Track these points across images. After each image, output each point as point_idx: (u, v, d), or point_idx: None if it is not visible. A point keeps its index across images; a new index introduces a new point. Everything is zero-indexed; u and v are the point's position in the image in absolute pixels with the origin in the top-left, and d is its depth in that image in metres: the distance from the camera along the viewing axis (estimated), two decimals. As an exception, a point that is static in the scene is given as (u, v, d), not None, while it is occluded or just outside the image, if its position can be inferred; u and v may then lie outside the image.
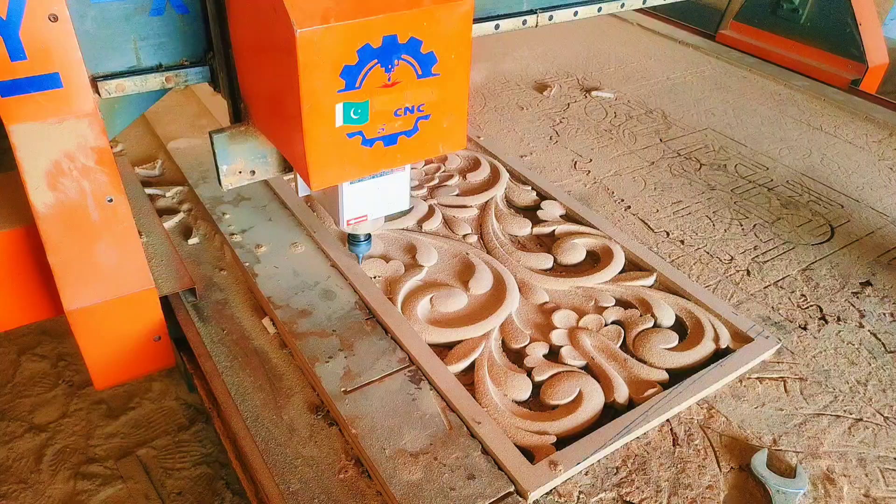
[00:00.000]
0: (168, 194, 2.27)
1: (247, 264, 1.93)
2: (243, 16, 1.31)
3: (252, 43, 1.32)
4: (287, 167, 1.60)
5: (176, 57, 1.51)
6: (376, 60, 1.16)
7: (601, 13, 2.10)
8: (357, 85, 1.17)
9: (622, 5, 2.16)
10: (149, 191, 2.26)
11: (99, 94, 1.45)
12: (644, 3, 2.24)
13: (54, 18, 1.30)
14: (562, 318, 1.82)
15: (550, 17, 1.94)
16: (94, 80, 1.44)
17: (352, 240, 1.68)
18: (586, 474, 1.45)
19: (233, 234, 2.05)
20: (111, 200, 1.52)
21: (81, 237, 1.52)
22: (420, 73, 1.22)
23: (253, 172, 1.57)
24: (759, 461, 1.47)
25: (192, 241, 2.07)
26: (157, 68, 1.49)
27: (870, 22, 3.23)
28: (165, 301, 1.80)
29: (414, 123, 1.28)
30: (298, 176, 1.55)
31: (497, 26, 1.83)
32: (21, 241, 1.59)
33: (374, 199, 1.49)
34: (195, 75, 1.53)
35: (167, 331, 1.78)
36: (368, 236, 1.67)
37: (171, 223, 2.13)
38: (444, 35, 1.20)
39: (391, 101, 1.23)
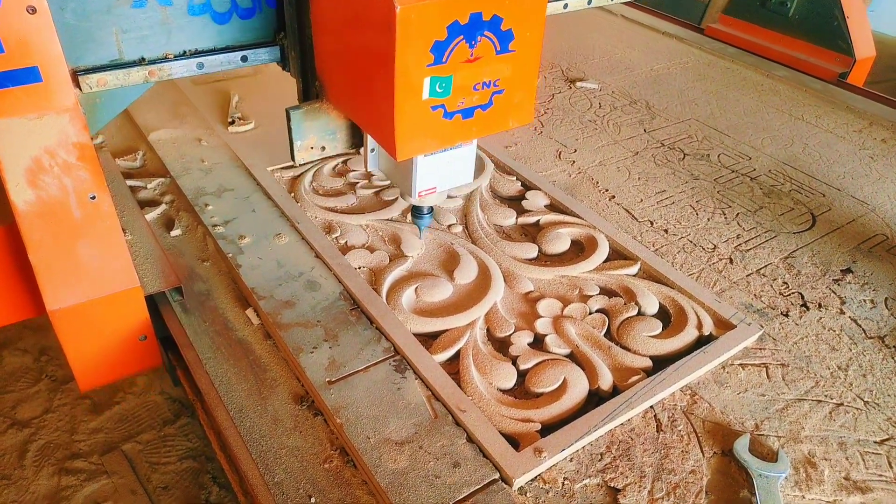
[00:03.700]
0: (150, 186, 2.25)
1: (230, 255, 1.92)
2: None
3: (338, 22, 1.37)
4: (355, 143, 1.65)
5: (158, 50, 1.49)
6: (462, 36, 1.23)
7: (591, 6, 2.10)
8: (444, 60, 1.24)
9: None
10: (130, 182, 2.23)
11: (80, 89, 1.43)
12: None
13: (32, 10, 1.27)
14: (546, 307, 1.82)
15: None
16: (75, 74, 1.41)
17: (416, 212, 1.71)
18: (571, 461, 1.45)
19: (216, 226, 2.03)
20: (94, 198, 1.49)
21: (63, 235, 1.49)
22: (499, 48, 1.29)
23: (323, 148, 1.61)
24: (741, 446, 1.48)
25: (175, 232, 2.05)
26: (140, 62, 1.48)
27: (857, 14, 3.24)
28: (151, 300, 1.77)
29: (489, 98, 1.35)
30: (371, 151, 1.63)
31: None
32: (1, 239, 1.56)
33: (444, 172, 1.54)
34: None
35: (153, 330, 1.75)
36: (431, 209, 1.71)
37: (153, 215, 2.11)
38: (522, 13, 1.27)
39: (472, 76, 1.29)
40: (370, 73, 1.30)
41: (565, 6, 2.02)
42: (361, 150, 1.65)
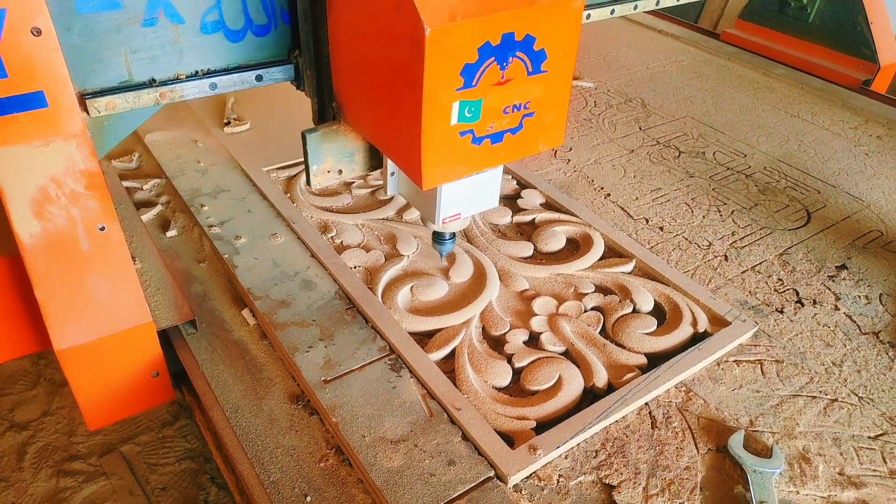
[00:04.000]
0: (146, 187, 2.25)
1: (226, 256, 1.92)
2: (350, 14, 1.27)
3: (359, 40, 1.28)
4: (373, 165, 1.56)
5: (170, 71, 1.42)
6: (493, 58, 1.16)
7: (614, 15, 2.02)
8: (474, 83, 1.17)
9: (635, 7, 2.08)
10: (126, 184, 2.24)
11: (88, 113, 1.35)
12: (657, 4, 2.18)
13: (37, 32, 1.20)
14: (542, 305, 1.83)
15: None
16: (82, 98, 1.34)
17: (437, 238, 1.62)
18: (566, 458, 1.46)
19: (212, 226, 2.04)
20: (103, 229, 1.41)
21: (71, 269, 1.40)
22: (531, 69, 1.22)
23: (340, 171, 1.52)
24: (735, 442, 1.49)
25: (171, 233, 2.05)
26: (150, 83, 1.41)
27: (881, 20, 3.14)
28: (163, 333, 1.68)
29: (520, 121, 1.28)
30: (391, 175, 1.54)
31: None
32: (4, 271, 1.49)
33: (469, 197, 1.47)
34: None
35: (166, 366, 1.66)
36: (454, 235, 1.63)
37: (148, 216, 2.12)
38: (556, 32, 1.21)
39: (502, 99, 1.22)
40: (395, 96, 1.22)
41: (588, 17, 1.94)
42: (380, 172, 1.58)
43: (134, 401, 1.67)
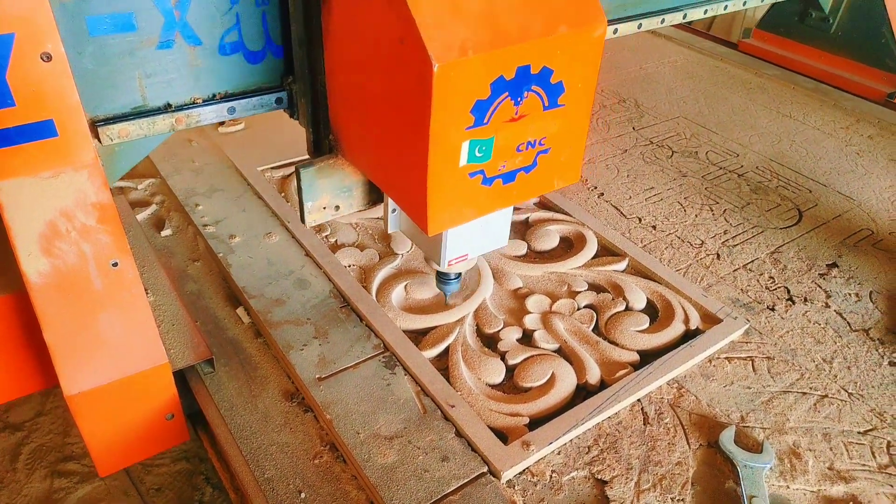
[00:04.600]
0: (140, 186, 2.25)
1: (220, 255, 1.93)
2: (349, 43, 1.17)
3: (360, 71, 1.16)
4: (372, 200, 1.47)
5: (186, 95, 1.34)
6: (507, 93, 1.06)
7: (641, 30, 1.95)
8: (486, 121, 1.07)
9: (662, 21, 2.02)
10: (120, 183, 2.24)
11: (100, 141, 1.27)
12: (685, 17, 2.09)
13: (47, 58, 1.12)
14: (535, 303, 1.84)
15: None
16: (94, 125, 1.26)
17: (442, 278, 1.55)
18: (558, 454, 1.47)
19: (206, 225, 2.04)
20: (116, 264, 1.31)
21: (82, 309, 1.30)
22: (547, 104, 1.13)
23: (337, 208, 1.42)
24: (726, 437, 1.50)
25: (165, 232, 2.06)
26: (166, 108, 1.32)
27: None
28: (178, 373, 1.58)
29: (534, 158, 1.18)
30: (392, 212, 1.46)
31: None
32: (9, 309, 1.40)
33: (476, 238, 1.38)
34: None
35: (181, 408, 1.55)
36: (459, 274, 1.56)
37: (143, 215, 2.12)
38: (576, 63, 1.11)
39: (515, 136, 1.12)
40: (398, 135, 1.12)
41: (615, 31, 1.87)
42: (381, 207, 1.49)
43: (147, 445, 1.57)
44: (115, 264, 1.31)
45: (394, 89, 1.08)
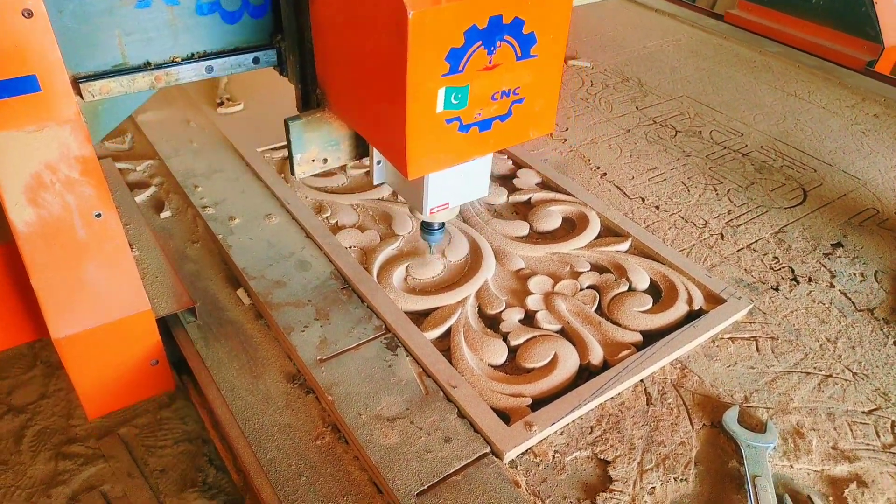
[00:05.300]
0: (139, 168, 2.23)
1: (220, 236, 1.91)
2: None
3: (342, 26, 1.23)
4: (359, 154, 1.52)
5: (165, 54, 1.38)
6: (480, 42, 1.12)
7: None
8: (460, 68, 1.13)
9: None
10: (119, 165, 2.22)
11: (82, 97, 1.32)
12: None
13: (29, 14, 1.16)
14: (537, 284, 1.83)
15: None
16: (76, 82, 1.31)
17: (426, 227, 1.59)
18: (561, 434, 1.46)
19: (205, 207, 2.03)
20: (99, 216, 1.38)
21: (68, 257, 1.38)
22: (519, 54, 1.18)
23: (325, 160, 1.47)
24: (730, 417, 1.49)
25: (165, 214, 2.04)
26: (146, 66, 1.37)
27: (885, 0, 3.08)
28: (162, 322, 1.66)
29: (508, 107, 1.24)
30: (377, 163, 1.50)
31: None
32: (0, 259, 1.46)
33: (457, 186, 1.44)
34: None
35: (165, 354, 1.64)
36: (442, 225, 1.60)
37: (142, 197, 2.10)
38: (546, 14, 1.17)
39: (490, 85, 1.18)
40: (378, 83, 1.18)
41: None
42: (367, 161, 1.55)
43: (133, 389, 1.66)
44: (99, 215, 1.38)
45: (373, 39, 1.14)
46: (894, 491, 1.40)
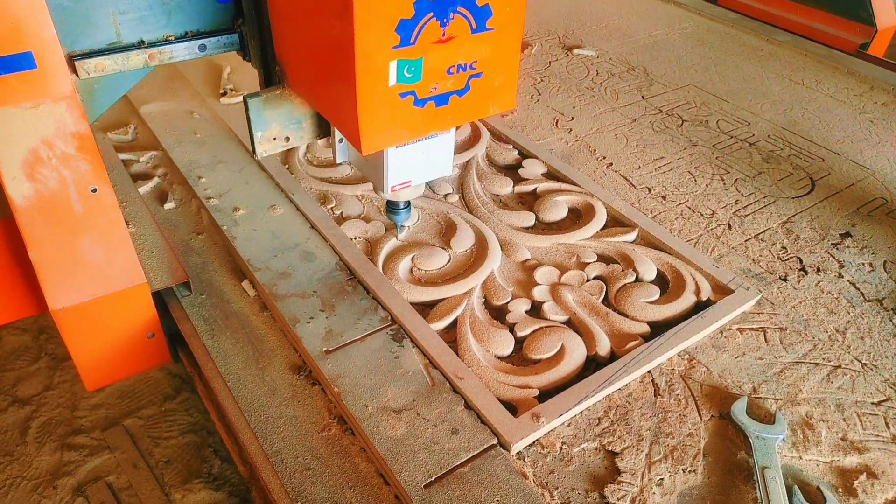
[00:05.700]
0: (142, 159, 2.22)
1: (225, 228, 1.90)
2: None
3: (294, 4, 1.24)
4: (321, 132, 1.52)
5: (158, 32, 1.40)
6: (432, 14, 1.11)
7: None
8: (412, 41, 1.11)
9: None
10: (122, 156, 2.21)
11: (77, 75, 1.34)
12: None
13: None
14: (544, 275, 1.81)
15: None
16: (71, 60, 1.33)
17: (391, 207, 1.59)
18: (568, 425, 1.46)
19: (210, 198, 2.02)
20: (95, 190, 1.42)
21: (64, 231, 1.42)
22: (475, 27, 1.17)
23: (287, 139, 1.47)
24: (738, 408, 1.49)
25: (168, 205, 2.03)
26: (139, 45, 1.39)
27: None
28: (158, 295, 1.70)
29: (466, 82, 1.22)
30: (339, 142, 1.50)
31: None
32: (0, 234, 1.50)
33: (419, 164, 1.42)
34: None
35: (161, 327, 1.70)
36: (408, 204, 1.60)
37: (145, 188, 2.09)
38: None
39: (445, 58, 1.17)
40: (330, 57, 1.17)
41: None
42: (329, 140, 1.54)
43: (130, 362, 1.70)
44: (95, 190, 1.42)
45: (323, 13, 1.13)
46: (904, 482, 1.40)
